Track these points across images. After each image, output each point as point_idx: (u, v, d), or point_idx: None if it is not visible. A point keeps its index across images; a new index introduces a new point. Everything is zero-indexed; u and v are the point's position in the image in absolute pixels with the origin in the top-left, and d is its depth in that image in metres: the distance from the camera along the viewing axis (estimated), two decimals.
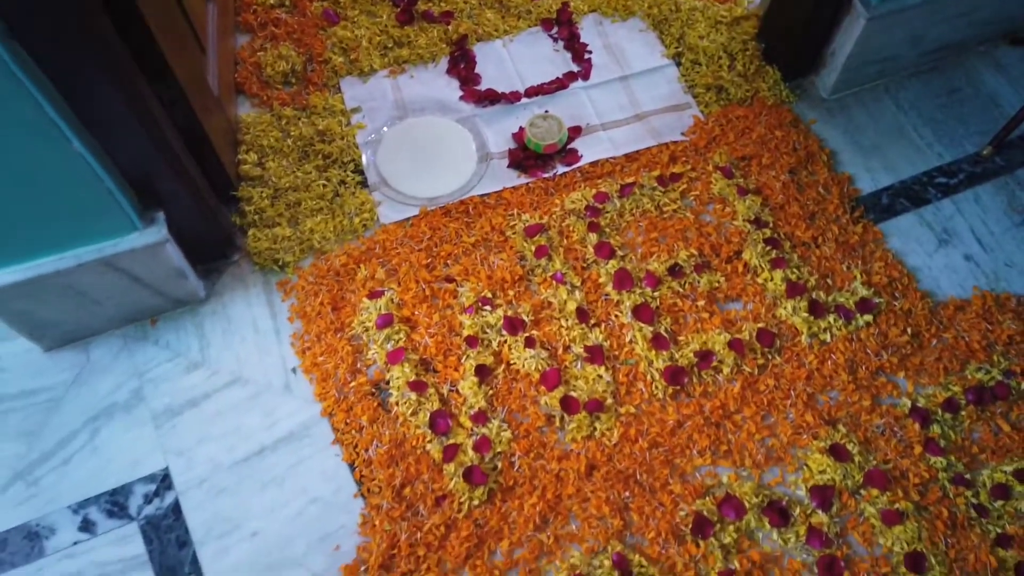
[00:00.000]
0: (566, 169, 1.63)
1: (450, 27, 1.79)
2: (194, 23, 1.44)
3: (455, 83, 1.74)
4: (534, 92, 1.73)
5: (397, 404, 1.36)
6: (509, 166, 1.63)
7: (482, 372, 1.39)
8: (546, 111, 1.69)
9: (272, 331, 1.45)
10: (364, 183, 1.60)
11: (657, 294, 1.48)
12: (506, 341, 1.42)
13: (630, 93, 1.74)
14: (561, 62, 1.78)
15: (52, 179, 1.09)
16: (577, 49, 1.79)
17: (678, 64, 1.79)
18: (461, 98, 1.72)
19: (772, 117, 1.70)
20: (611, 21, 1.86)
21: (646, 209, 1.58)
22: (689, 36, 1.80)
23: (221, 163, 1.47)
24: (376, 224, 1.56)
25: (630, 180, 1.61)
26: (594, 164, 1.64)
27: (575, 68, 1.77)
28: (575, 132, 1.67)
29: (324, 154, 1.60)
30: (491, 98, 1.71)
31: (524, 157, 1.63)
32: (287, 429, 1.36)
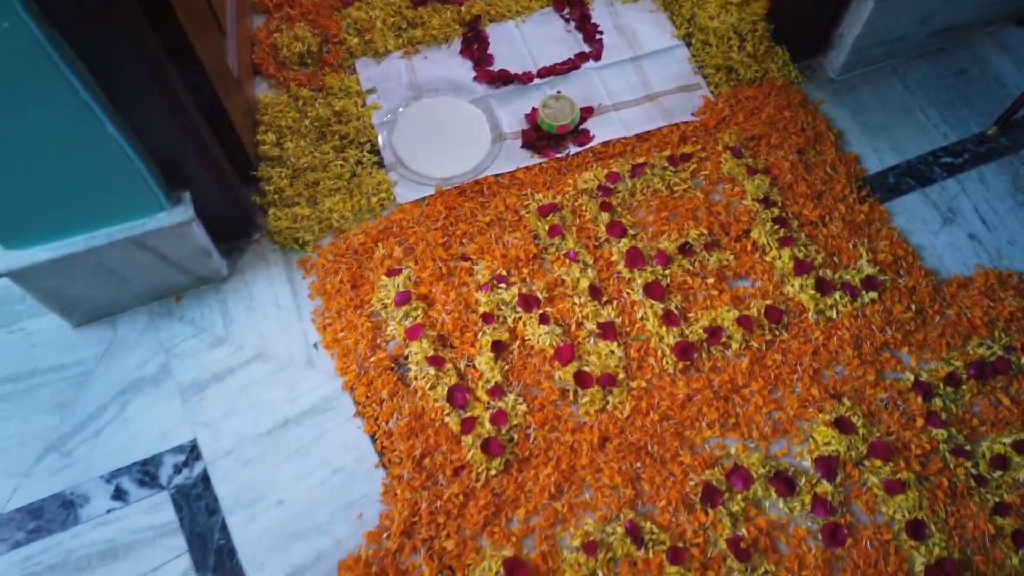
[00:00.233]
0: (578, 149, 1.66)
1: (463, 8, 1.81)
2: (214, 5, 1.46)
3: (468, 64, 1.76)
4: (546, 73, 1.75)
5: (416, 378, 1.40)
6: (522, 146, 1.66)
7: (498, 348, 1.43)
8: (558, 92, 1.72)
9: (293, 308, 1.49)
10: (380, 163, 1.63)
11: (668, 272, 1.51)
12: (521, 318, 1.46)
13: (641, 74, 1.76)
14: (573, 43, 1.81)
15: (85, 161, 1.12)
16: (588, 30, 1.81)
17: (688, 45, 1.81)
18: (474, 79, 1.74)
19: (781, 98, 1.72)
20: (622, 2, 1.88)
21: (657, 189, 1.61)
22: (699, 17, 1.82)
23: (241, 144, 1.50)
24: (393, 203, 1.59)
25: (641, 160, 1.64)
26: (606, 144, 1.67)
27: (587, 49, 1.79)
28: (587, 112, 1.70)
29: (341, 135, 1.63)
30: (504, 79, 1.73)
31: (537, 137, 1.66)
32: (310, 402, 1.40)
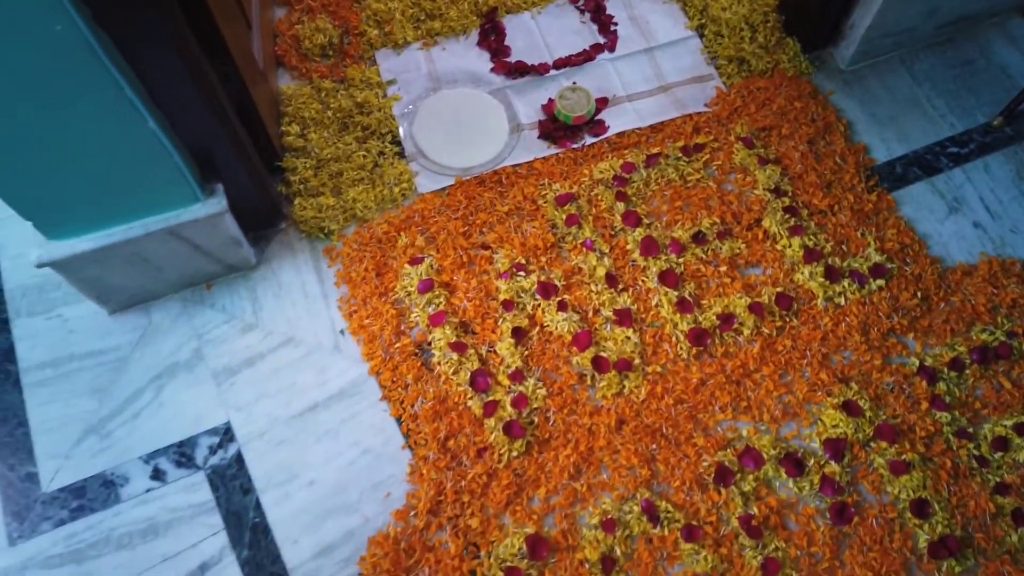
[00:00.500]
0: (594, 140, 1.70)
1: None
2: None
3: (486, 55, 1.79)
4: (562, 64, 1.79)
5: (439, 363, 1.46)
6: (539, 137, 1.70)
7: (518, 334, 1.48)
8: (574, 83, 1.76)
9: (320, 295, 1.54)
10: (401, 154, 1.68)
11: (682, 260, 1.56)
12: (540, 305, 1.51)
13: (655, 65, 1.80)
14: (588, 34, 1.84)
15: (127, 155, 1.16)
16: (603, 21, 1.84)
17: (701, 36, 1.85)
18: (492, 70, 1.78)
19: (792, 89, 1.76)
20: None
21: (671, 179, 1.65)
22: (712, 8, 1.85)
23: (268, 135, 1.54)
24: (414, 193, 1.64)
25: (655, 150, 1.68)
26: (621, 135, 1.71)
27: (601, 40, 1.82)
28: (602, 103, 1.74)
29: (363, 126, 1.67)
30: (521, 70, 1.77)
31: (554, 128, 1.69)
32: (338, 386, 1.46)
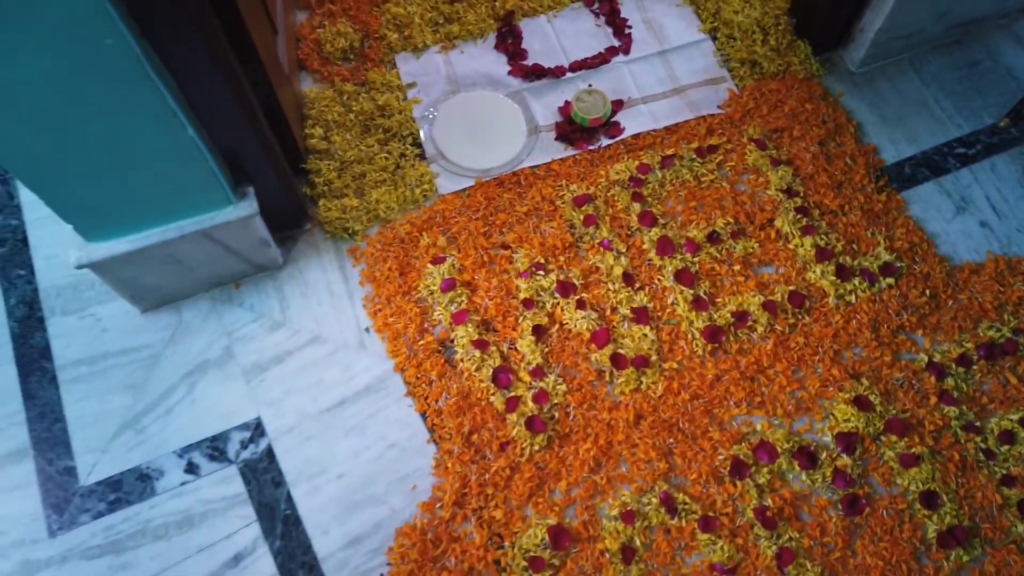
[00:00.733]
0: (610, 141, 1.74)
1: (497, 3, 1.87)
2: (267, 2, 1.53)
3: (503, 58, 1.83)
4: (578, 67, 1.82)
5: (462, 360, 1.50)
6: (556, 139, 1.74)
7: (538, 331, 1.52)
8: (590, 85, 1.79)
9: (345, 294, 1.58)
10: (422, 155, 1.72)
11: (697, 259, 1.60)
12: (559, 303, 1.55)
13: (669, 67, 1.84)
14: (603, 37, 1.87)
15: (165, 161, 1.20)
16: (618, 24, 1.88)
17: (714, 39, 1.88)
18: (509, 73, 1.81)
19: (803, 91, 1.80)
20: None
21: (685, 179, 1.70)
22: (724, 11, 1.88)
23: (293, 137, 1.58)
24: (435, 194, 1.68)
25: (670, 152, 1.72)
26: (636, 136, 1.75)
27: (616, 43, 1.86)
28: (617, 106, 1.77)
29: (384, 128, 1.71)
30: (538, 73, 1.80)
31: (571, 130, 1.73)
32: (364, 383, 1.50)
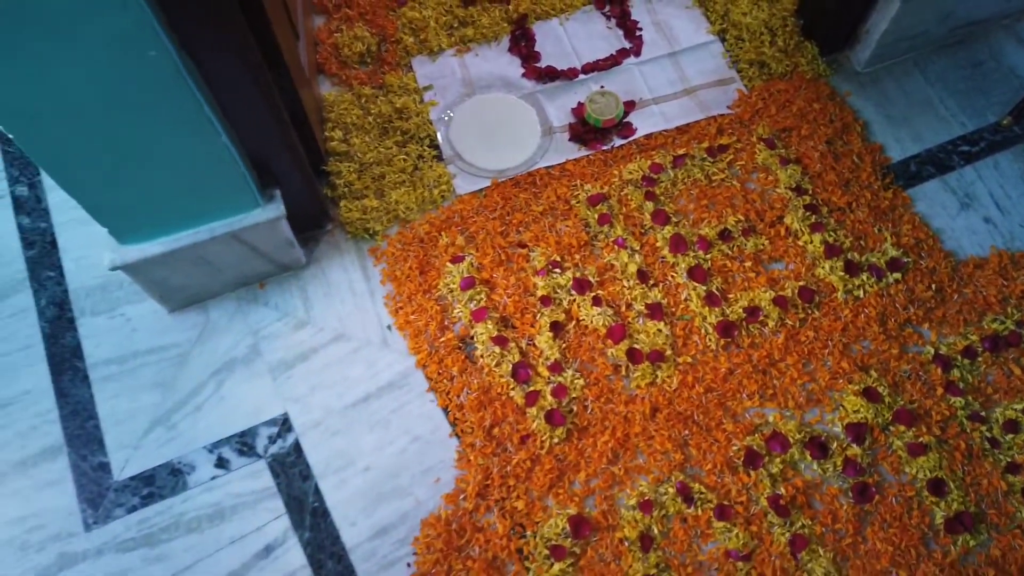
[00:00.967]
0: (622, 142, 1.78)
1: (510, 7, 1.91)
2: (290, 8, 1.57)
3: (517, 61, 1.87)
4: (590, 68, 1.86)
5: (482, 356, 1.54)
6: (570, 139, 1.78)
7: (556, 328, 1.57)
8: (602, 87, 1.84)
9: (367, 293, 1.62)
10: (439, 157, 1.76)
11: (709, 256, 1.65)
12: (575, 300, 1.60)
13: (679, 68, 1.88)
14: (614, 39, 1.91)
15: (200, 166, 1.24)
16: (628, 26, 1.92)
17: (723, 40, 1.92)
18: (523, 75, 1.85)
19: (810, 91, 1.84)
20: None
21: (697, 178, 1.74)
22: (733, 13, 1.92)
23: (314, 140, 1.62)
24: (453, 195, 1.72)
25: (681, 151, 1.76)
26: (648, 137, 1.80)
27: (627, 45, 1.90)
28: (629, 106, 1.82)
29: (402, 130, 1.75)
30: (551, 75, 1.84)
31: (584, 131, 1.77)
32: (387, 379, 1.54)
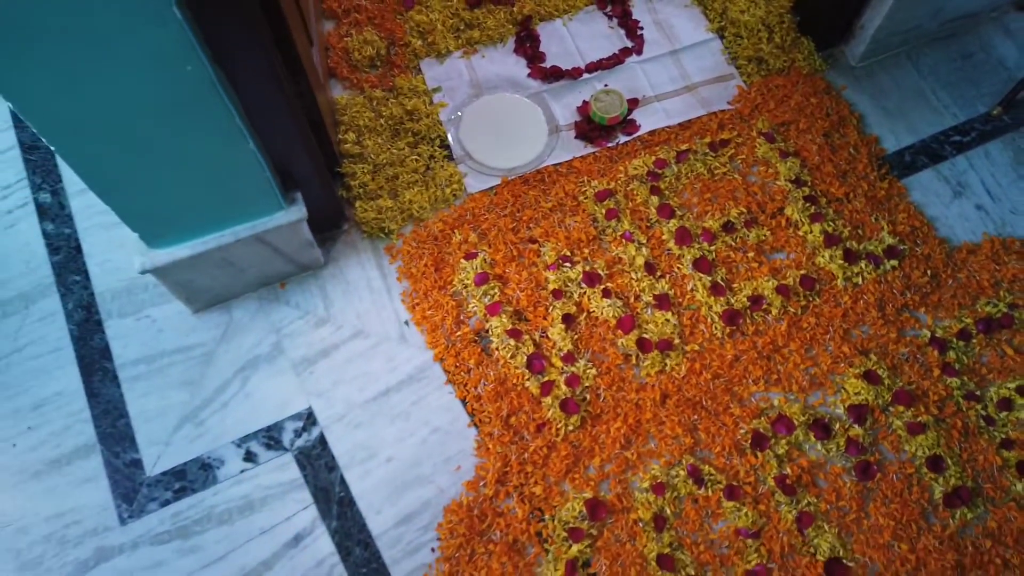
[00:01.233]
0: (627, 139, 1.84)
1: (515, 8, 1.96)
2: (305, 16, 1.62)
3: (522, 61, 1.92)
4: (594, 68, 1.92)
5: (498, 349, 1.60)
6: (576, 137, 1.84)
7: (567, 320, 1.63)
8: (606, 85, 1.89)
9: (384, 290, 1.68)
10: (450, 157, 1.81)
11: (713, 248, 1.71)
12: (585, 293, 1.65)
13: (680, 66, 1.93)
14: (616, 38, 1.97)
15: (227, 172, 1.30)
16: (630, 26, 1.97)
17: (722, 38, 1.98)
18: (529, 75, 1.91)
19: (807, 86, 1.90)
20: None
21: (700, 173, 1.80)
22: (731, 11, 1.98)
23: (330, 143, 1.67)
24: (464, 193, 1.77)
25: (684, 147, 1.82)
26: (651, 133, 1.85)
27: (629, 44, 1.95)
28: (633, 104, 1.87)
29: (413, 131, 1.80)
30: (556, 74, 1.90)
31: (590, 129, 1.83)
32: (406, 373, 1.60)
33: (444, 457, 1.53)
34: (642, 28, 1.97)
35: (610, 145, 1.83)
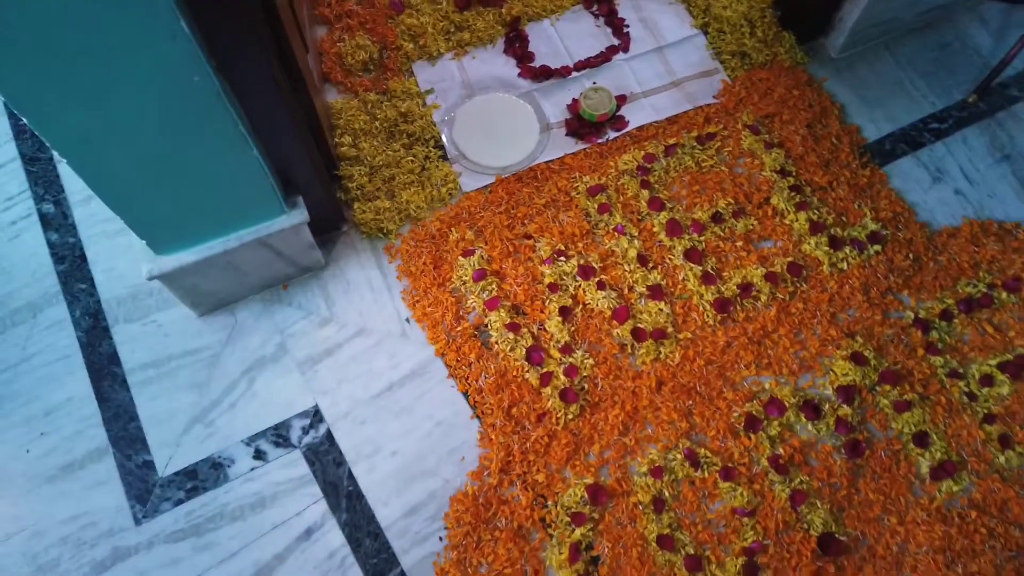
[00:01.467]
0: (616, 134, 1.88)
1: (504, 10, 2.00)
2: (300, 23, 1.66)
3: (512, 61, 1.96)
4: (582, 66, 1.96)
5: (497, 343, 1.65)
6: (567, 134, 1.88)
7: (564, 312, 1.67)
8: (594, 83, 1.94)
9: (384, 289, 1.72)
10: (445, 157, 1.85)
11: (703, 238, 1.76)
12: (581, 285, 1.70)
13: (665, 62, 1.98)
14: (603, 37, 2.01)
15: (232, 179, 1.33)
16: (616, 24, 2.02)
17: (706, 33, 2.03)
18: (519, 75, 1.95)
19: (790, 78, 1.95)
20: None
21: (688, 166, 1.85)
22: (714, 7, 2.02)
23: (327, 146, 1.71)
24: (460, 192, 1.82)
25: (672, 141, 1.87)
26: (640, 128, 1.90)
27: (616, 42, 2.00)
28: (621, 100, 1.92)
29: (408, 133, 1.84)
30: (545, 74, 1.94)
31: (580, 126, 1.88)
32: (409, 368, 1.64)
33: (448, 449, 1.57)
34: (628, 26, 2.02)
35: (600, 141, 1.88)
